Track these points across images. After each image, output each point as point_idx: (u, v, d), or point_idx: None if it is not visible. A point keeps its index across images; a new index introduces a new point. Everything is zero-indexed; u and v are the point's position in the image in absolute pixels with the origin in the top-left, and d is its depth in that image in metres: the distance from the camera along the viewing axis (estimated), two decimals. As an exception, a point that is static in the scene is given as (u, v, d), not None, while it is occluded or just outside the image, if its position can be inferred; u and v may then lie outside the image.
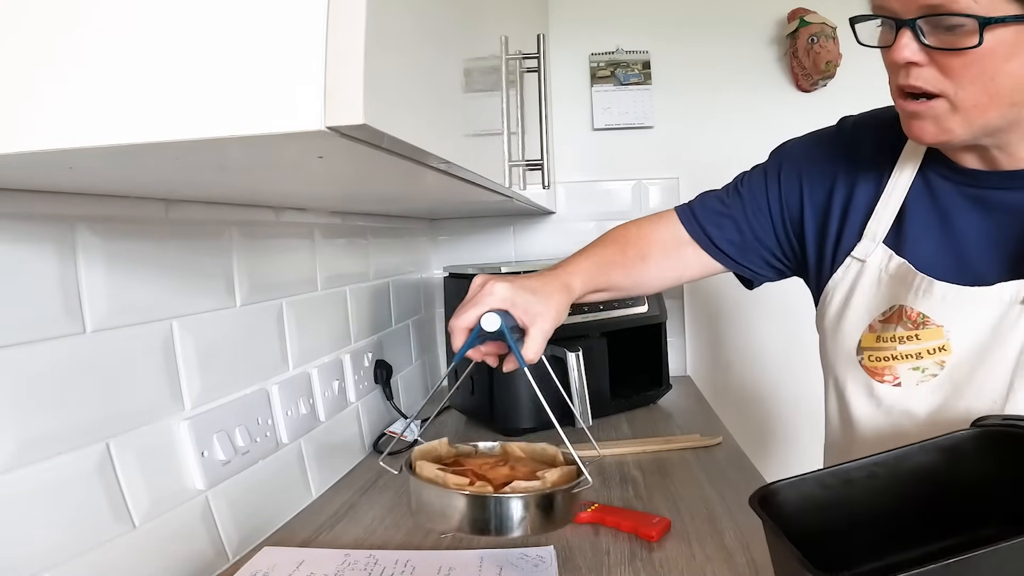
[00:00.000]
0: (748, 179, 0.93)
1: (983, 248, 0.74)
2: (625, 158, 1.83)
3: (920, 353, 0.75)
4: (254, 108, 0.39)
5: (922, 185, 0.78)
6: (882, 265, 0.79)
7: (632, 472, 1.11)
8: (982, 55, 0.62)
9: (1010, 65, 0.62)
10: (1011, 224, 0.72)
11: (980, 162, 0.74)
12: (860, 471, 0.62)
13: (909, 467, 0.62)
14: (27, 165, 0.46)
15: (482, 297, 0.74)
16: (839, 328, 0.83)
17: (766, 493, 0.59)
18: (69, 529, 0.62)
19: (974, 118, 0.66)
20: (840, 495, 0.61)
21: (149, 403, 0.74)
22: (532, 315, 0.76)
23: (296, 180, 0.70)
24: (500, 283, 0.75)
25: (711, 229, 0.92)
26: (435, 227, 1.87)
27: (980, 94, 0.64)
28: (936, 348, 0.74)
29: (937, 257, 0.76)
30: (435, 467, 0.66)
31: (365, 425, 1.28)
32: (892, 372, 0.77)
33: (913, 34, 0.64)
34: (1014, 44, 0.62)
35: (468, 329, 0.74)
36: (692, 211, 0.94)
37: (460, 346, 0.74)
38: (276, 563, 0.83)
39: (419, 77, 0.52)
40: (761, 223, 0.90)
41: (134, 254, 0.73)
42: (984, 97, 0.64)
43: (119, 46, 0.39)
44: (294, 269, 1.06)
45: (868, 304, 0.80)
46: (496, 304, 0.73)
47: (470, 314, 0.74)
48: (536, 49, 0.83)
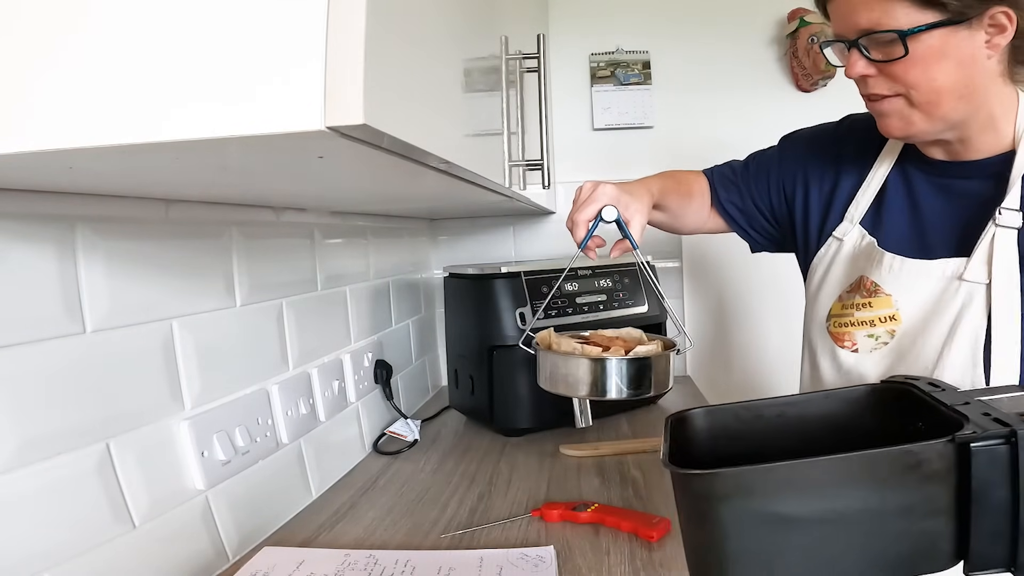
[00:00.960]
0: (758, 156, 1.07)
1: (942, 229, 0.83)
2: (625, 158, 1.83)
3: (873, 321, 0.84)
4: (254, 108, 0.39)
5: (899, 175, 0.88)
6: (856, 243, 0.89)
7: (632, 472, 1.11)
8: (915, 60, 0.72)
9: (944, 65, 0.72)
10: (965, 208, 0.81)
11: (945, 154, 0.83)
12: (771, 409, 0.67)
13: (815, 412, 0.67)
14: (27, 165, 0.46)
15: (597, 195, 0.87)
16: (816, 299, 0.93)
17: (683, 416, 0.64)
18: (69, 529, 0.62)
19: (931, 112, 0.75)
20: (751, 429, 0.66)
21: (149, 403, 0.74)
22: (632, 211, 0.89)
23: (296, 180, 0.70)
24: (608, 185, 0.88)
25: (720, 190, 1.06)
26: (435, 227, 1.87)
27: (928, 92, 0.74)
28: (887, 317, 0.83)
29: (903, 236, 0.86)
30: (574, 341, 0.88)
31: (365, 425, 1.28)
32: (851, 339, 0.86)
33: (859, 52, 0.75)
34: (942, 47, 0.72)
35: (588, 221, 0.87)
36: (712, 173, 1.09)
37: (582, 237, 0.87)
38: (276, 563, 0.83)
39: (419, 77, 0.52)
40: (760, 195, 1.03)
41: (134, 254, 0.73)
42: (932, 94, 0.74)
43: (119, 46, 0.39)
44: (294, 269, 1.06)
45: (840, 277, 0.90)
46: (608, 200, 0.86)
47: (590, 208, 0.86)
48: (536, 49, 0.83)
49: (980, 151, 0.80)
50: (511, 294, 1.31)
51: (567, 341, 0.85)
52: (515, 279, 1.33)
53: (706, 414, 0.66)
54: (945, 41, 0.72)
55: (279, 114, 0.38)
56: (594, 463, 1.16)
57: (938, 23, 0.71)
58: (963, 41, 0.72)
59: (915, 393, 0.62)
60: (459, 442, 1.33)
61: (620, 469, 1.13)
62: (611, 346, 0.88)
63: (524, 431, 1.34)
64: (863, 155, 0.91)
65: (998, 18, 0.71)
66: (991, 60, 0.74)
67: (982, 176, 0.80)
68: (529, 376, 1.31)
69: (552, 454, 1.22)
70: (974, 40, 0.72)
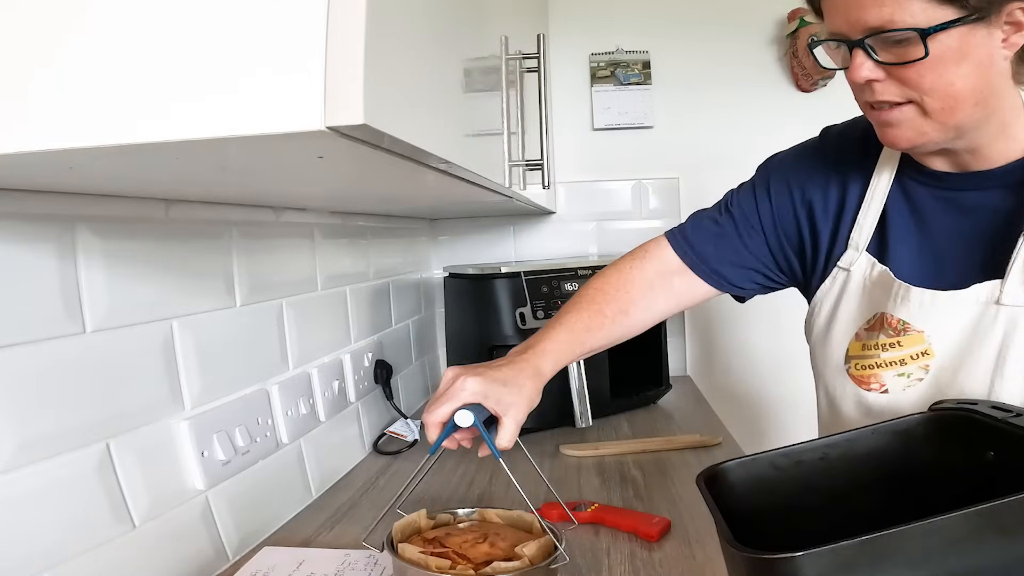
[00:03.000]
0: (737, 197, 0.91)
1: (958, 250, 0.75)
2: (625, 158, 1.83)
3: (904, 360, 0.75)
4: (254, 108, 0.39)
5: (899, 191, 0.79)
6: (865, 273, 0.80)
7: (632, 472, 1.11)
8: (933, 63, 0.64)
9: (962, 68, 0.65)
10: (983, 224, 0.73)
11: (949, 164, 0.75)
12: (812, 453, 0.61)
13: (861, 450, 0.61)
14: (27, 165, 0.46)
15: (454, 392, 0.75)
16: (827, 338, 0.83)
17: (715, 472, 0.59)
18: (69, 529, 0.62)
19: (945, 120, 0.68)
20: (791, 476, 0.60)
21: (149, 403, 0.74)
22: (505, 405, 0.77)
23: (296, 180, 0.70)
24: (471, 378, 0.76)
25: (707, 250, 0.89)
26: (435, 227, 1.87)
27: (944, 98, 0.66)
28: (919, 353, 0.74)
29: (916, 262, 0.77)
30: (417, 549, 0.68)
31: (365, 425, 1.28)
32: (878, 380, 0.77)
33: (865, 53, 0.66)
34: (960, 47, 0.64)
35: (442, 424, 0.75)
36: (684, 235, 0.91)
37: (435, 439, 0.76)
38: (276, 563, 0.83)
39: (419, 77, 0.52)
40: (755, 240, 0.88)
41: (134, 254, 0.73)
42: (949, 100, 0.66)
43: (119, 46, 0.39)
44: (294, 269, 1.06)
45: (854, 313, 0.80)
46: (468, 399, 0.74)
47: (443, 409, 0.74)
48: (536, 49, 0.83)
49: (993, 160, 0.72)
50: (511, 294, 1.31)
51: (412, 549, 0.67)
52: (515, 279, 1.33)
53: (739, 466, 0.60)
54: (965, 41, 0.64)
55: (279, 114, 0.38)
56: (594, 463, 1.16)
57: (958, 19, 0.62)
58: (982, 40, 0.65)
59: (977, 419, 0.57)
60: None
61: (620, 469, 1.13)
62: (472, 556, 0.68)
63: (524, 431, 1.34)
64: (860, 170, 0.82)
65: (1016, 15, 0.64)
66: (1007, 61, 0.67)
67: (999, 187, 0.72)
68: (529, 376, 1.31)
69: (552, 454, 1.22)
70: (992, 39, 0.65)
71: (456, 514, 0.79)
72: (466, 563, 0.67)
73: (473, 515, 0.80)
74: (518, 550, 0.68)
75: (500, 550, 0.70)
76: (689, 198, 1.84)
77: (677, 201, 1.83)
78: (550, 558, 0.68)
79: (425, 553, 0.67)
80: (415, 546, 0.69)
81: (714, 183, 1.81)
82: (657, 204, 1.84)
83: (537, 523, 0.76)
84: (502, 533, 0.74)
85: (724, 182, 0.98)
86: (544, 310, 1.33)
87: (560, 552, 0.70)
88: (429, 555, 0.67)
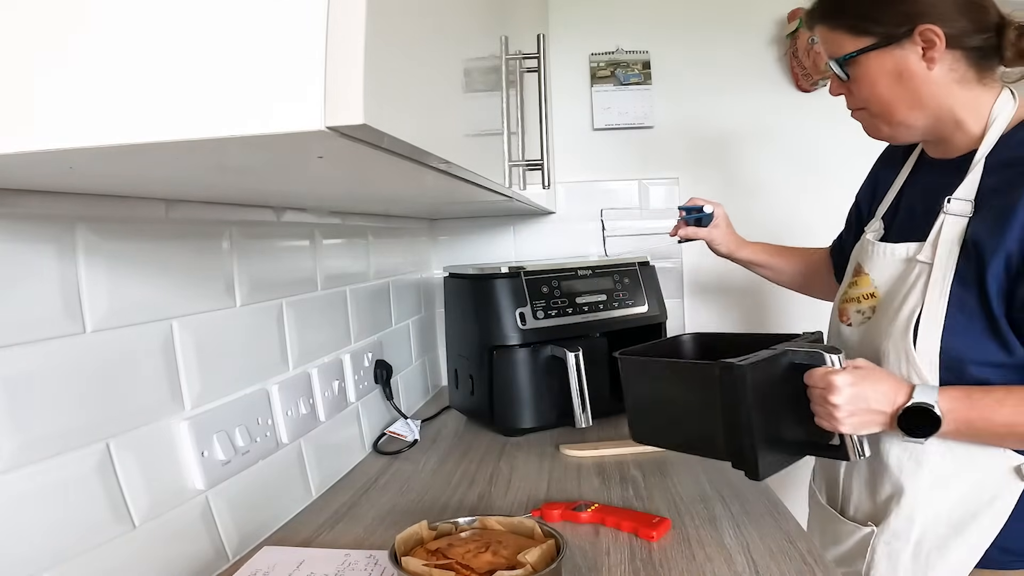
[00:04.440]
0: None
1: (917, 218, 0.93)
2: (625, 158, 1.83)
3: (859, 298, 0.97)
4: (254, 108, 0.39)
5: (915, 173, 1.00)
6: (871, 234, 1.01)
7: (632, 472, 1.11)
8: (859, 80, 0.89)
9: (884, 80, 0.87)
10: (932, 199, 0.90)
11: (935, 152, 0.95)
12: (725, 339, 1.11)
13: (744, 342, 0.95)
14: (27, 165, 0.46)
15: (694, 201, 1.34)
16: (840, 287, 1.04)
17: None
18: (69, 529, 0.62)
19: (889, 120, 0.90)
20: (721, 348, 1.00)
21: (149, 403, 0.74)
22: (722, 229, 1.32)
23: (296, 180, 0.70)
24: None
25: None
26: (435, 227, 1.87)
27: (878, 105, 0.89)
28: (868, 294, 0.96)
29: (902, 224, 0.97)
30: (420, 563, 0.68)
31: (365, 425, 1.28)
32: (847, 314, 0.99)
33: (835, 76, 0.92)
34: (876, 68, 0.87)
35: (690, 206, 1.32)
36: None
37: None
38: (276, 563, 0.83)
39: (419, 77, 0.52)
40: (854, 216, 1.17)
41: (134, 254, 0.73)
42: (883, 107, 0.89)
43: (119, 46, 0.39)
44: (294, 269, 1.06)
45: (852, 265, 1.02)
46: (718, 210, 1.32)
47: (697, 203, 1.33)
48: (536, 49, 0.83)
49: (956, 149, 0.90)
50: (511, 294, 1.31)
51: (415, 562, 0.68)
52: (515, 279, 1.33)
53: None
54: (881, 61, 0.86)
55: (279, 114, 0.38)
56: (594, 463, 1.16)
57: (868, 47, 0.86)
58: (899, 59, 0.85)
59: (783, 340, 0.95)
60: (459, 442, 1.33)
61: (620, 469, 1.13)
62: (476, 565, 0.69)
63: (524, 431, 1.34)
64: (898, 163, 1.04)
65: (927, 35, 0.82)
66: (937, 70, 0.84)
67: (952, 170, 0.88)
68: (529, 376, 1.31)
69: (552, 454, 1.22)
70: (909, 57, 0.84)
71: (457, 523, 0.79)
72: (470, 573, 0.67)
73: (474, 523, 0.80)
74: (520, 557, 0.68)
75: (503, 558, 0.70)
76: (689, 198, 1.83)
77: (677, 201, 1.83)
78: (553, 563, 0.69)
79: (429, 566, 0.67)
80: (419, 559, 0.69)
81: (714, 183, 1.83)
82: (657, 204, 1.84)
83: (537, 529, 0.76)
84: (504, 541, 0.74)
85: (724, 182, 0.99)
86: (544, 310, 1.33)
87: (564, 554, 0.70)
88: (433, 567, 0.67)
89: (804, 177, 1.79)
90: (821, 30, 0.91)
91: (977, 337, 0.81)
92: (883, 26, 0.84)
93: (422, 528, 0.77)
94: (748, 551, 0.81)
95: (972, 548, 0.85)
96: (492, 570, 0.67)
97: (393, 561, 0.70)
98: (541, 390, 1.31)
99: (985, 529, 0.84)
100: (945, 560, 0.86)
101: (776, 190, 1.80)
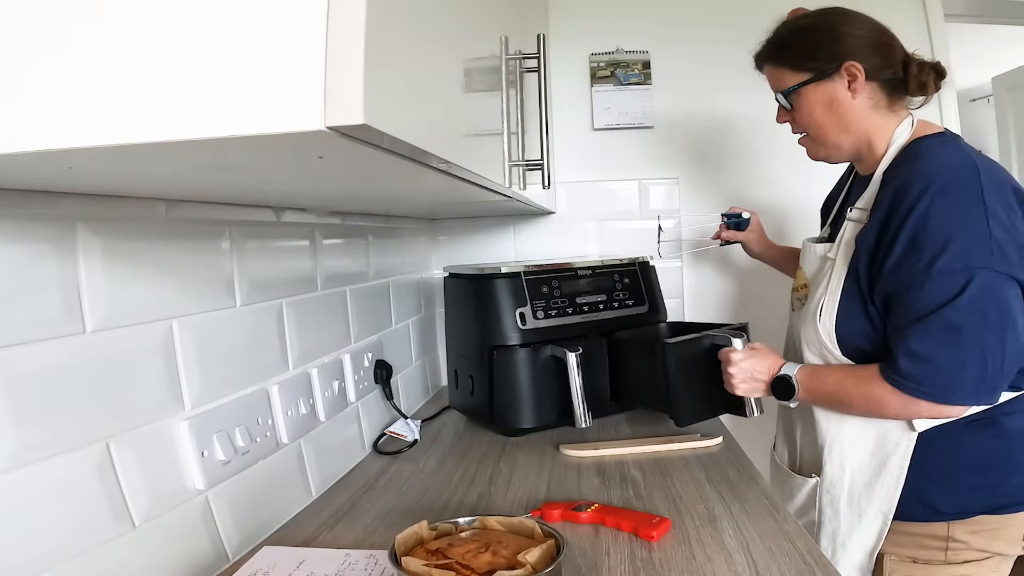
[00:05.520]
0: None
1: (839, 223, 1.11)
2: (625, 158, 1.83)
3: (798, 288, 1.17)
4: (254, 108, 0.39)
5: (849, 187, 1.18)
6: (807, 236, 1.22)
7: (632, 472, 1.11)
8: (800, 109, 1.08)
9: (819, 109, 1.05)
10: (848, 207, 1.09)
11: (859, 169, 1.13)
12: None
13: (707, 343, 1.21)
14: (27, 165, 0.46)
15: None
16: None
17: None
18: (69, 529, 0.62)
19: (824, 143, 1.08)
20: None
21: (149, 403, 0.74)
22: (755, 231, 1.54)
23: (296, 180, 0.70)
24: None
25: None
26: (435, 227, 1.87)
27: (815, 130, 1.08)
28: (803, 285, 1.15)
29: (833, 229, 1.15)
30: (420, 563, 0.68)
31: (365, 425, 1.28)
32: (792, 301, 1.19)
33: (780, 106, 1.12)
34: (816, 97, 1.05)
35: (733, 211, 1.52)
36: None
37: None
38: (276, 563, 0.83)
39: (419, 77, 0.52)
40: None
41: (134, 254, 0.73)
42: (819, 131, 1.07)
43: (119, 46, 0.39)
44: (294, 269, 1.06)
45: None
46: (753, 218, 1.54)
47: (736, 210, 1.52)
48: (536, 49, 0.83)
49: (869, 167, 1.07)
50: (511, 294, 1.31)
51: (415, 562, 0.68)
52: (515, 279, 1.33)
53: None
54: (816, 93, 1.05)
55: (279, 114, 0.38)
56: (594, 463, 1.16)
57: (807, 81, 1.05)
58: (830, 91, 1.03)
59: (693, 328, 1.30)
60: (459, 442, 1.33)
61: (620, 469, 1.13)
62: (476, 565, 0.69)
63: (524, 431, 1.34)
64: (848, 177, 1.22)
65: (851, 70, 1.01)
66: (859, 99, 1.02)
67: (866, 184, 1.06)
68: (529, 376, 1.31)
69: (552, 454, 1.22)
70: (838, 88, 1.03)
71: (457, 523, 0.79)
72: (470, 573, 0.67)
73: (474, 523, 0.80)
74: (521, 557, 0.68)
75: (503, 558, 0.70)
76: (689, 198, 1.84)
77: (677, 201, 1.84)
78: (553, 563, 0.68)
79: (429, 566, 0.67)
80: (419, 559, 0.69)
81: (714, 183, 1.83)
82: (657, 204, 1.84)
83: (537, 529, 0.76)
84: (504, 541, 0.74)
85: (724, 182, 0.99)
86: (544, 310, 1.33)
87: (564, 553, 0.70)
88: (433, 567, 0.67)
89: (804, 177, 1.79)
90: (768, 68, 1.11)
91: (858, 317, 1.00)
92: (818, 63, 1.03)
93: (422, 528, 0.77)
94: (748, 551, 0.81)
95: (888, 494, 1.01)
96: (492, 570, 0.67)
97: (393, 561, 0.70)
98: (541, 390, 1.31)
99: (894, 477, 1.00)
100: (872, 504, 1.03)
101: (776, 190, 1.79)
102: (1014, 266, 0.89)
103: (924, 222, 0.90)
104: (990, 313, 0.89)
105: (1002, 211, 0.90)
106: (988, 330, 0.89)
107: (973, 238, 0.89)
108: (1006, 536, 0.98)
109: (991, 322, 0.89)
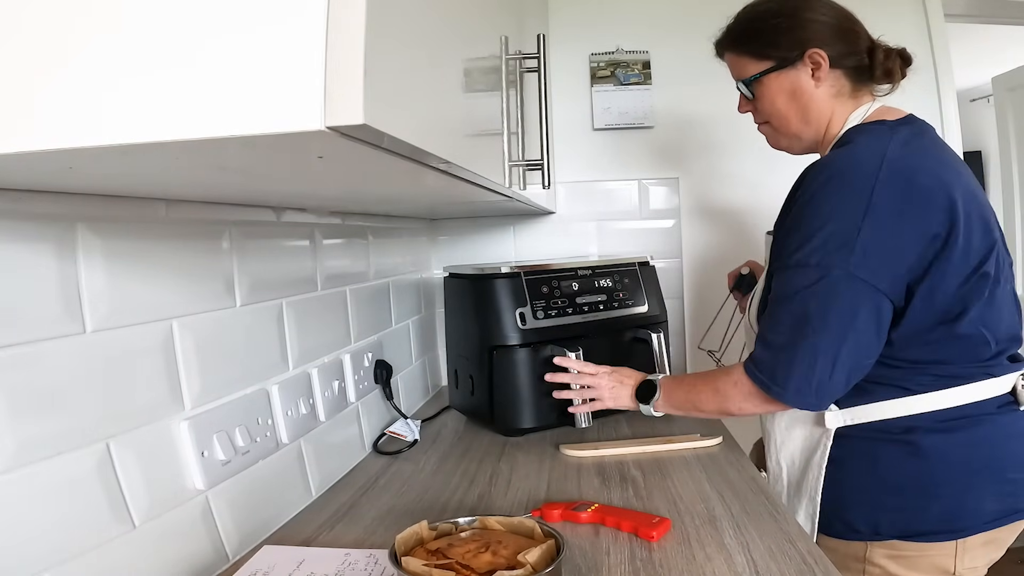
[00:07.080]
0: None
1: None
2: (625, 158, 1.83)
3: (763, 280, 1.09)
4: (254, 108, 0.39)
5: None
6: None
7: (632, 472, 1.11)
8: (762, 97, 1.04)
9: (782, 97, 1.02)
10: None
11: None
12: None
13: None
14: (27, 165, 0.46)
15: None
16: None
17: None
18: (69, 529, 0.62)
19: (786, 131, 1.05)
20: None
21: (149, 403, 0.74)
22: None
23: (296, 180, 0.70)
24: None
25: None
26: (435, 227, 1.87)
27: (777, 119, 1.04)
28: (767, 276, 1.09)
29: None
30: (420, 563, 0.68)
31: (365, 425, 1.28)
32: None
33: (742, 95, 1.08)
34: (778, 85, 1.01)
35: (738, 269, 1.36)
36: None
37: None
38: (276, 563, 0.83)
39: (419, 77, 0.52)
40: None
41: (134, 254, 0.73)
42: (781, 120, 1.04)
43: (119, 46, 0.39)
44: (294, 269, 1.06)
45: None
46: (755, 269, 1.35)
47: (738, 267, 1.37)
48: (536, 49, 0.83)
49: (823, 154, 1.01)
50: (511, 294, 1.31)
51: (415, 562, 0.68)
52: (515, 279, 1.33)
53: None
54: (779, 81, 1.00)
55: (279, 114, 0.38)
56: (594, 463, 1.16)
57: (769, 70, 1.00)
58: (793, 79, 0.99)
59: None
60: (459, 442, 1.33)
61: (620, 469, 1.13)
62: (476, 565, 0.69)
63: (524, 431, 1.34)
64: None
65: (814, 57, 0.97)
66: (822, 88, 0.99)
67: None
68: (529, 376, 1.31)
69: (552, 454, 1.22)
70: (801, 76, 0.99)
71: (457, 523, 0.79)
72: (470, 573, 0.67)
73: (474, 523, 0.80)
74: (521, 557, 0.68)
75: (503, 558, 0.70)
76: (689, 198, 1.84)
77: (677, 201, 1.84)
78: (553, 563, 0.68)
79: (429, 566, 0.67)
80: (419, 559, 0.69)
81: (714, 183, 1.83)
82: (658, 204, 1.84)
83: (537, 529, 0.76)
84: (504, 541, 0.74)
85: (724, 182, 0.99)
86: (544, 310, 1.33)
87: (564, 553, 0.70)
88: (433, 567, 0.67)
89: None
90: (729, 56, 1.07)
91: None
92: (780, 50, 0.99)
93: (422, 528, 0.77)
94: (748, 551, 0.81)
95: (811, 496, 0.99)
96: (492, 570, 0.67)
97: (393, 561, 0.70)
98: (541, 390, 1.31)
99: (815, 477, 0.99)
100: (802, 504, 1.01)
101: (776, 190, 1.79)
102: (874, 272, 0.84)
103: (804, 209, 0.89)
104: (831, 316, 0.85)
105: (888, 212, 0.84)
106: (825, 333, 0.86)
107: (838, 233, 0.85)
108: (923, 567, 0.91)
109: (830, 326, 0.85)
